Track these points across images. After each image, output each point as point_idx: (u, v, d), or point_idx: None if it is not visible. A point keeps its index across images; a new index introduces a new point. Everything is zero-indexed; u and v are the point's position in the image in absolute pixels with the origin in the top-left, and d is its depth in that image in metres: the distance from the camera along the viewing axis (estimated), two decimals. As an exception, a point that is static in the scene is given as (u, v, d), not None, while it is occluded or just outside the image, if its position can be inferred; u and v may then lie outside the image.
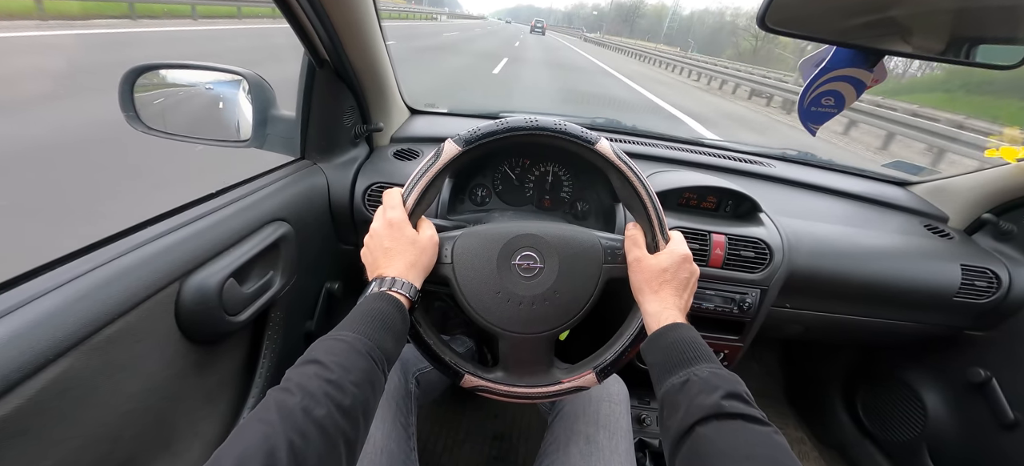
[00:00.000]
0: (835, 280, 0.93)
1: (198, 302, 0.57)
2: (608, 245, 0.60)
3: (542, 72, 11.64)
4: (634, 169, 0.58)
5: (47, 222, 2.04)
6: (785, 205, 1.00)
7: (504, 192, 0.90)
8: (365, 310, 0.49)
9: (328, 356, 0.42)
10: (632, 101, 8.79)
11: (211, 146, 0.87)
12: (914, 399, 1.16)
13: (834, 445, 1.39)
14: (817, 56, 0.62)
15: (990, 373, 1.00)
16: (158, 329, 0.54)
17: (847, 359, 1.38)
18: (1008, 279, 0.95)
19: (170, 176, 2.44)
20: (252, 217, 0.69)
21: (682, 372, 0.47)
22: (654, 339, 0.53)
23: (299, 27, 0.69)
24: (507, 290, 0.57)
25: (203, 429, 0.65)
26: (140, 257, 0.52)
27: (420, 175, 0.57)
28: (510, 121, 0.57)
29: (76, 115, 3.32)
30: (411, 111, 1.19)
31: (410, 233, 0.56)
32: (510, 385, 0.61)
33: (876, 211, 1.10)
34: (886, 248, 0.97)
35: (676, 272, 0.56)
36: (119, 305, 0.48)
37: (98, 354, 0.46)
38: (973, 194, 1.07)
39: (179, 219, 0.60)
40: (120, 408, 0.50)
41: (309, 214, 0.84)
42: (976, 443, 1.03)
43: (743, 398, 0.43)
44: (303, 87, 0.82)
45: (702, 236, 0.87)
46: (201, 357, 0.62)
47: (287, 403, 0.36)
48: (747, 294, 0.90)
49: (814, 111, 0.65)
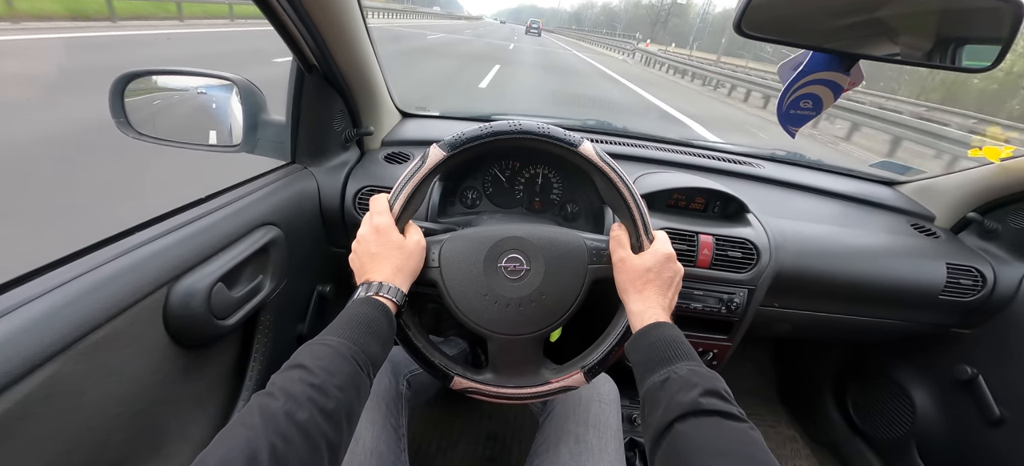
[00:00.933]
0: (822, 279, 0.94)
1: (186, 307, 0.58)
2: (593, 246, 0.61)
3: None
4: (617, 170, 0.58)
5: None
6: (773, 205, 1.01)
7: (494, 194, 0.91)
8: (351, 315, 0.50)
9: (313, 360, 0.42)
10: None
11: (202, 151, 0.87)
12: (903, 397, 1.17)
13: (826, 443, 1.40)
14: (795, 60, 0.63)
15: (976, 370, 1.01)
16: (146, 334, 0.55)
17: (837, 357, 1.39)
18: (993, 277, 0.96)
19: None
20: (241, 221, 0.70)
21: (663, 370, 0.48)
22: (637, 338, 0.54)
23: (285, 32, 0.70)
24: (494, 292, 0.58)
25: (193, 433, 0.66)
26: (128, 263, 0.53)
27: (406, 180, 0.58)
28: (494, 125, 0.58)
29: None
30: (402, 114, 1.19)
31: (396, 238, 0.56)
32: (499, 386, 0.61)
33: (863, 210, 1.11)
34: (873, 247, 0.98)
35: (660, 271, 0.57)
36: (106, 310, 0.49)
37: (85, 359, 0.47)
38: (958, 193, 1.08)
39: (167, 224, 0.60)
40: (108, 413, 0.50)
41: (299, 218, 0.84)
42: (963, 440, 1.05)
43: (721, 395, 0.44)
44: (292, 92, 0.82)
45: (690, 237, 0.88)
46: (190, 361, 0.62)
47: (270, 407, 0.37)
48: (735, 294, 0.91)
49: (793, 114, 0.67)
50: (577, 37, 61.35)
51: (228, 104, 0.87)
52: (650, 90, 11.25)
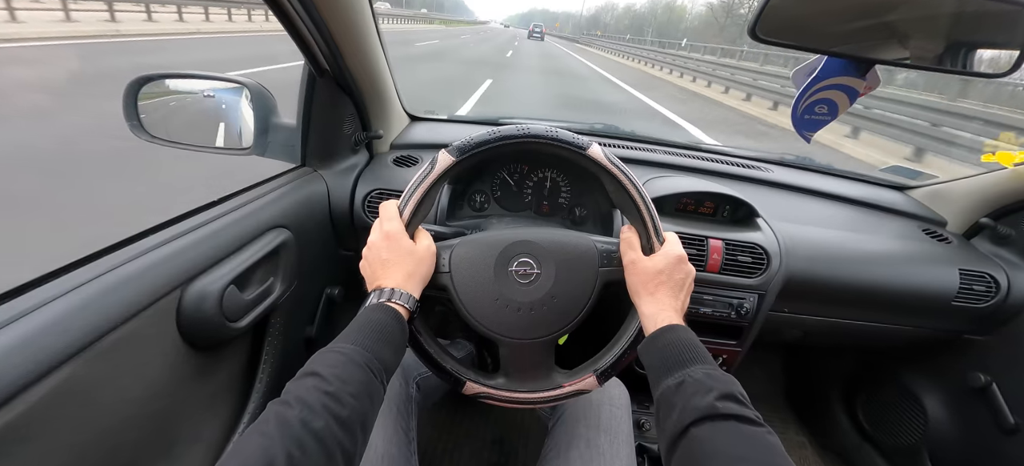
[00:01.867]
0: (833, 285, 0.93)
1: (199, 309, 0.58)
2: (604, 249, 0.61)
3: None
4: (626, 172, 0.58)
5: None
6: (782, 210, 1.01)
7: (503, 198, 0.91)
8: (363, 322, 0.50)
9: (326, 368, 0.42)
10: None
11: (213, 154, 0.88)
12: (914, 404, 1.15)
13: (836, 450, 1.38)
14: (809, 65, 0.63)
15: (990, 378, 1.00)
16: (160, 336, 0.55)
17: (848, 363, 1.38)
18: (1007, 283, 0.95)
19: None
20: (253, 224, 0.70)
21: (678, 373, 0.47)
22: (650, 341, 0.53)
23: (299, 38, 0.70)
24: (505, 297, 0.58)
25: (205, 434, 0.66)
26: (142, 265, 0.53)
27: (415, 186, 0.58)
28: (502, 130, 0.58)
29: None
30: (411, 118, 1.20)
31: (407, 244, 0.56)
32: (511, 391, 0.61)
33: (874, 215, 1.10)
34: (884, 252, 0.97)
35: (671, 273, 0.56)
36: (121, 313, 0.49)
37: (100, 361, 0.47)
38: (971, 199, 1.07)
39: (180, 227, 0.61)
40: (122, 414, 0.51)
41: (309, 221, 0.85)
42: (977, 448, 1.03)
43: (738, 399, 0.43)
44: (303, 96, 0.83)
45: (699, 241, 0.88)
46: (202, 363, 0.63)
47: (285, 416, 0.37)
48: (745, 299, 0.90)
49: (808, 119, 0.66)
50: (604, 48, 36.39)
51: (239, 107, 0.88)
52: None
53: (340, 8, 0.68)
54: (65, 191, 2.55)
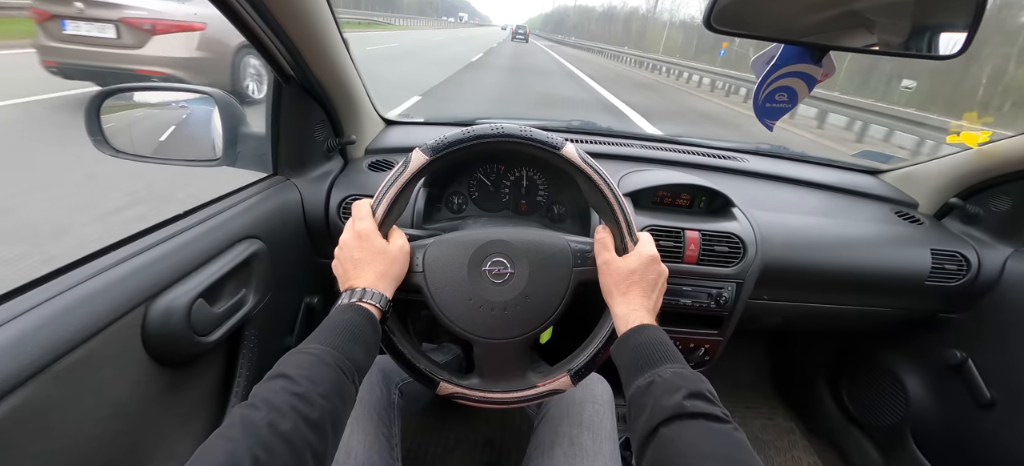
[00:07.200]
0: (809, 270, 0.95)
1: (166, 325, 0.57)
2: (578, 248, 0.61)
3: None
4: (599, 171, 0.58)
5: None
6: (758, 198, 1.02)
7: (480, 199, 0.90)
8: (334, 322, 0.49)
9: (296, 370, 0.42)
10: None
11: (183, 166, 0.87)
12: (896, 384, 1.17)
13: (823, 434, 1.40)
14: (767, 53, 0.64)
15: (966, 354, 1.02)
16: (124, 354, 0.54)
17: (830, 348, 1.40)
18: (977, 261, 0.97)
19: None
20: (222, 236, 0.69)
21: (648, 373, 0.48)
22: (622, 341, 0.54)
23: (259, 44, 0.69)
24: (479, 296, 0.58)
25: (179, 452, 0.65)
26: (103, 282, 0.52)
27: (389, 185, 0.57)
28: (476, 129, 0.58)
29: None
30: (385, 122, 1.19)
31: (379, 243, 0.56)
32: (485, 391, 0.61)
33: (848, 200, 1.12)
34: (858, 236, 0.98)
35: (644, 273, 0.57)
36: (81, 332, 0.48)
37: (60, 382, 0.46)
38: (940, 179, 1.09)
39: (144, 242, 0.60)
40: (87, 435, 0.49)
41: (283, 230, 0.83)
42: (956, 423, 1.05)
43: (705, 397, 0.44)
44: (270, 104, 0.82)
45: (676, 233, 0.88)
46: (172, 380, 0.62)
47: (252, 418, 0.36)
48: (723, 288, 0.91)
49: (769, 107, 0.67)
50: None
51: (209, 118, 0.86)
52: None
53: (297, 12, 0.68)
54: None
